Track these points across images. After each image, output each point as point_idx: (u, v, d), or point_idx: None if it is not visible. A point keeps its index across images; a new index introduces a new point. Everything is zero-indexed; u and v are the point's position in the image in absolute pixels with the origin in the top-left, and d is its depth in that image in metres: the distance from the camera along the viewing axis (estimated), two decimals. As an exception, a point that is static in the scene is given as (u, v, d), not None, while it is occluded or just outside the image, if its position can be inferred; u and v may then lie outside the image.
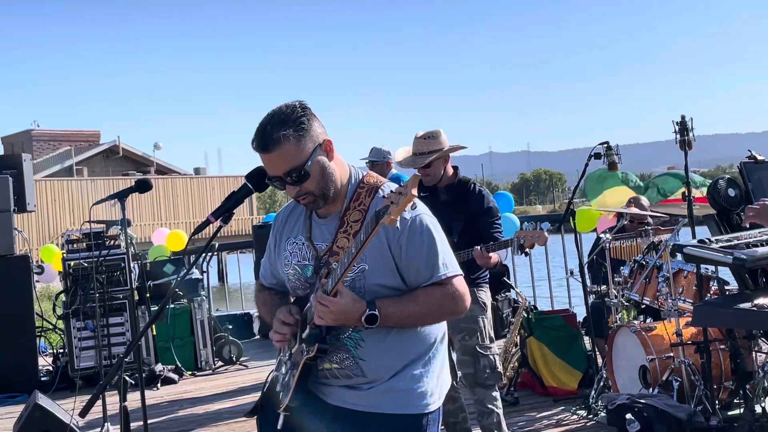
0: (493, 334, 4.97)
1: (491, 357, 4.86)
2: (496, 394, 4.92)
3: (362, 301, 2.52)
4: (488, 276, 5.00)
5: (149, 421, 4.99)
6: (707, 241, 3.87)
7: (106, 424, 5.82)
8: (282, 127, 2.52)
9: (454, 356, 4.98)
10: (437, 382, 2.71)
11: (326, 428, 2.65)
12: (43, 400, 6.13)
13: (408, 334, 2.64)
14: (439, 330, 2.74)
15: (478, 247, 4.63)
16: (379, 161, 7.64)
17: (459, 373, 4.91)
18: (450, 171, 4.99)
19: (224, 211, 2.73)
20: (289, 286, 2.79)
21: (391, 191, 2.34)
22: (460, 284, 2.65)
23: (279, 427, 2.68)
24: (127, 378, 2.79)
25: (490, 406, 4.85)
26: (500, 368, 4.95)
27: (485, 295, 4.92)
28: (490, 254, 4.64)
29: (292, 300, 2.83)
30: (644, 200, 7.47)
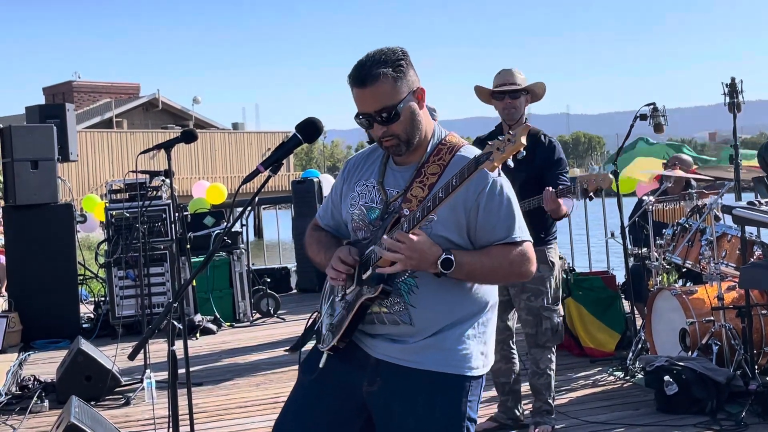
0: (559, 294, 4.87)
1: (554, 319, 4.79)
2: (553, 356, 4.88)
3: (438, 246, 2.52)
4: (557, 233, 4.85)
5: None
6: (757, 203, 3.82)
7: (147, 370, 5.93)
8: (381, 65, 2.57)
9: (516, 316, 4.93)
10: (484, 349, 2.70)
11: (368, 381, 2.66)
12: (86, 346, 6.24)
13: (461, 292, 2.64)
14: (492, 296, 2.73)
15: (550, 188, 4.46)
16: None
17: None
18: (525, 117, 4.82)
19: (273, 161, 2.70)
20: (351, 227, 2.79)
21: (498, 138, 2.34)
22: (531, 249, 2.66)
23: (321, 365, 2.70)
24: (175, 323, 2.83)
25: (543, 366, 4.84)
26: (562, 330, 4.86)
27: (554, 253, 4.79)
28: (560, 200, 4.46)
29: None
30: (686, 157, 7.25)
